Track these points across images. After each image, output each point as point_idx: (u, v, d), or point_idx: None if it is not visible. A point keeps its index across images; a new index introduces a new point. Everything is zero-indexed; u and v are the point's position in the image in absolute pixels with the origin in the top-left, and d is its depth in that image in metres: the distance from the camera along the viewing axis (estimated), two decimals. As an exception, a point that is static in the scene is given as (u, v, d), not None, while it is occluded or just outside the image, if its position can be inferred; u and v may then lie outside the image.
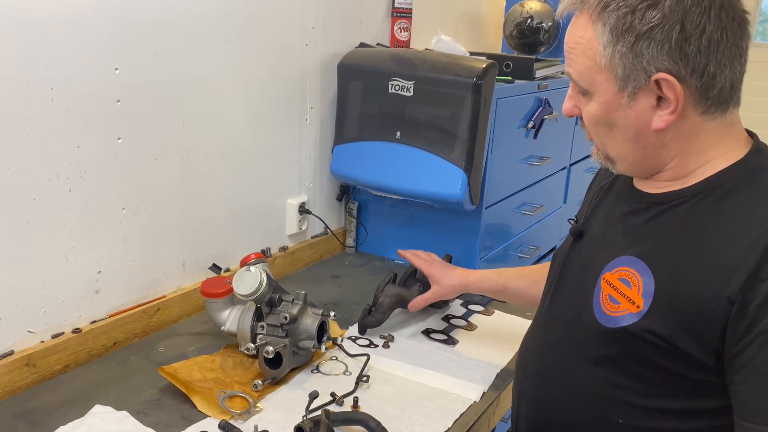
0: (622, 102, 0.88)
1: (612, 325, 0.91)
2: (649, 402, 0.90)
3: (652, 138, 0.89)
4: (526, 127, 2.01)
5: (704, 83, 0.85)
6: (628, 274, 0.91)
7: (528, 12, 2.53)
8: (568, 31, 0.92)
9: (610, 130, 0.92)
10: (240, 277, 1.25)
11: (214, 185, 1.58)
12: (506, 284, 1.38)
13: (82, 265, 1.32)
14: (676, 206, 0.91)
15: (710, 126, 0.89)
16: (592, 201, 1.09)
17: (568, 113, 0.98)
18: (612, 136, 0.92)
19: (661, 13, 0.82)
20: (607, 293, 0.93)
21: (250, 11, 1.57)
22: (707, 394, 0.86)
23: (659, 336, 0.86)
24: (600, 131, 0.94)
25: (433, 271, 1.43)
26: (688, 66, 0.83)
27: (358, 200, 2.01)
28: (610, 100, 0.89)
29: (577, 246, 1.06)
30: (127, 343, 1.40)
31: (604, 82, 0.88)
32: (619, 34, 0.84)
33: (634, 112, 0.88)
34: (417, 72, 1.72)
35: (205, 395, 1.18)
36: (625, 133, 0.91)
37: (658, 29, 0.82)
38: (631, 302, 0.89)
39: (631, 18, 0.83)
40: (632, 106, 0.88)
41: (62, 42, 1.20)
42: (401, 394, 1.25)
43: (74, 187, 1.27)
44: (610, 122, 0.91)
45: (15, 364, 1.21)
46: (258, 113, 1.66)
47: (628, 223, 0.97)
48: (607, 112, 0.90)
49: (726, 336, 0.81)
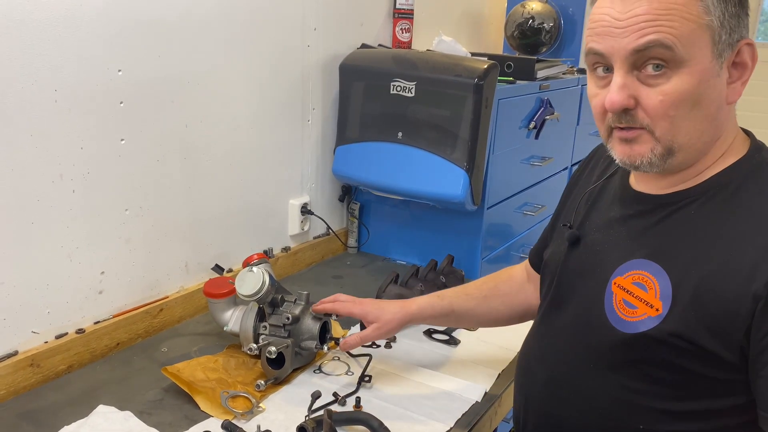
0: (714, 70, 0.85)
1: (631, 331, 0.89)
2: (671, 405, 0.89)
3: (724, 113, 0.89)
4: (528, 128, 2.01)
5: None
6: (643, 277, 0.90)
7: (529, 12, 2.53)
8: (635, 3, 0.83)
9: (692, 108, 0.85)
10: (243, 278, 1.26)
11: (216, 186, 1.59)
12: (452, 307, 1.26)
13: (86, 266, 1.33)
14: (685, 206, 0.90)
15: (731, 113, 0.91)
16: (583, 204, 1.07)
17: (623, 104, 0.86)
18: (692, 116, 0.85)
19: None
20: (621, 298, 0.91)
21: (252, 12, 1.58)
22: (729, 393, 0.86)
23: (682, 338, 0.85)
24: (681, 112, 0.85)
25: (367, 309, 1.24)
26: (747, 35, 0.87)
27: (360, 201, 2.02)
28: (706, 68, 0.84)
29: (574, 252, 1.03)
30: (130, 344, 1.41)
31: (703, 47, 0.83)
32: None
33: (721, 83, 0.86)
34: (418, 73, 1.73)
35: (208, 395, 1.18)
36: (708, 109, 0.86)
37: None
38: (649, 306, 0.88)
39: None
40: (720, 75, 0.86)
41: (65, 43, 1.20)
42: (403, 394, 1.25)
43: (78, 188, 1.28)
44: (697, 97, 0.84)
45: (19, 365, 1.21)
46: (260, 114, 1.67)
47: (633, 226, 0.95)
48: (699, 83, 0.84)
49: (751, 332, 0.81)
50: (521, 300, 1.29)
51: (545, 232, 1.25)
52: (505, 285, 1.32)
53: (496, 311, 1.29)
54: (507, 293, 1.30)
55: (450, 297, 1.28)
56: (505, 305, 1.29)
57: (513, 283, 1.31)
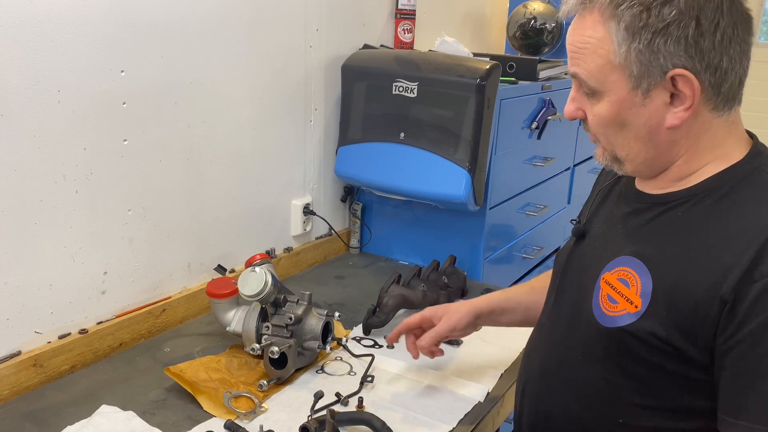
0: (635, 100, 0.87)
1: (610, 325, 0.92)
2: (649, 401, 0.91)
3: (664, 135, 0.89)
4: (530, 128, 2.01)
5: (717, 79, 0.85)
6: (627, 274, 0.92)
7: (531, 13, 2.53)
8: (572, 31, 0.92)
9: (621, 129, 0.91)
10: (245, 278, 1.26)
11: (219, 186, 1.59)
12: (518, 299, 1.27)
13: (89, 266, 1.33)
14: (675, 207, 0.92)
15: (717, 123, 0.89)
16: (595, 201, 1.10)
17: (571, 116, 0.97)
18: (623, 135, 0.91)
19: (677, 10, 0.82)
20: (606, 293, 0.94)
21: (255, 13, 1.58)
22: (705, 395, 0.87)
23: (656, 336, 0.87)
24: (609, 132, 0.93)
25: (435, 309, 1.26)
26: (703, 61, 0.83)
27: (362, 201, 2.02)
28: (623, 98, 0.88)
29: (580, 246, 1.06)
30: (133, 344, 1.41)
31: (617, 80, 0.87)
32: (635, 31, 0.84)
33: (648, 110, 0.88)
34: (421, 73, 1.73)
35: (211, 395, 1.19)
36: (637, 132, 0.90)
37: (675, 25, 0.82)
38: (629, 302, 0.90)
39: (646, 15, 0.83)
40: (646, 104, 0.87)
41: (68, 44, 1.20)
42: (406, 394, 1.25)
43: (81, 188, 1.28)
44: (621, 121, 0.90)
45: (22, 365, 1.22)
46: (262, 115, 1.67)
47: (629, 224, 0.97)
48: (619, 111, 0.89)
49: (716, 336, 0.82)
50: None
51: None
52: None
53: None
54: None
55: (515, 291, 1.31)
56: None
57: None
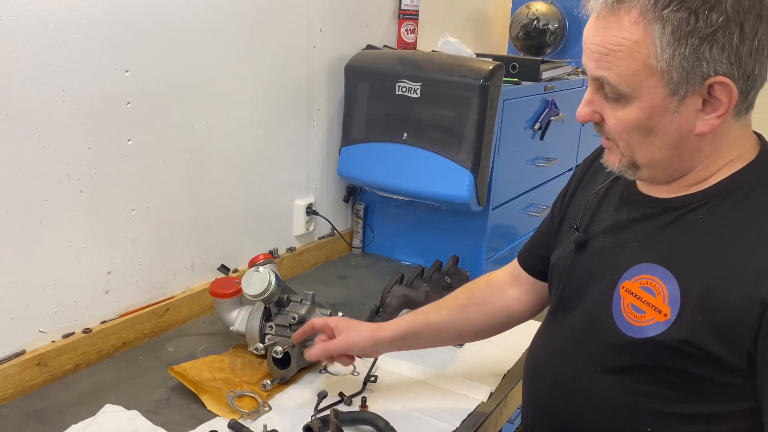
0: (670, 107, 0.84)
1: (638, 335, 0.89)
2: (679, 408, 0.89)
3: (691, 142, 0.87)
4: (533, 129, 2.01)
5: (748, 86, 0.84)
6: (650, 281, 0.89)
7: (534, 13, 2.54)
8: (600, 31, 0.85)
9: (646, 135, 0.88)
10: (249, 278, 1.26)
11: (222, 186, 1.59)
12: (427, 320, 1.19)
13: (93, 266, 1.33)
14: (693, 210, 0.90)
15: (736, 128, 0.88)
16: (588, 206, 1.06)
17: (586, 119, 0.92)
18: (648, 141, 0.88)
19: (725, 16, 0.79)
20: (629, 302, 0.91)
21: (258, 14, 1.58)
22: (738, 397, 0.86)
23: (690, 344, 0.85)
24: (633, 137, 0.89)
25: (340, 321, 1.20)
26: (740, 69, 0.82)
27: (365, 201, 2.02)
28: (657, 104, 0.85)
29: (581, 255, 1.03)
30: (136, 343, 1.42)
31: (653, 86, 0.84)
32: (682, 36, 0.80)
33: (680, 117, 0.85)
34: (424, 74, 1.73)
35: (215, 395, 1.19)
36: (665, 138, 0.87)
37: (721, 32, 0.79)
38: (657, 311, 0.88)
39: (694, 20, 0.79)
40: (680, 111, 0.85)
41: (73, 45, 1.21)
42: (409, 395, 1.25)
43: (85, 188, 1.28)
44: (650, 127, 0.87)
45: (26, 364, 1.22)
46: (266, 115, 1.67)
47: (641, 229, 0.95)
48: (649, 118, 0.86)
49: (758, 340, 0.81)
50: (499, 307, 1.22)
51: (540, 232, 1.22)
52: (482, 293, 1.24)
53: (475, 321, 1.21)
54: (485, 301, 1.23)
55: (426, 311, 1.22)
56: (484, 313, 1.22)
57: (492, 290, 1.25)
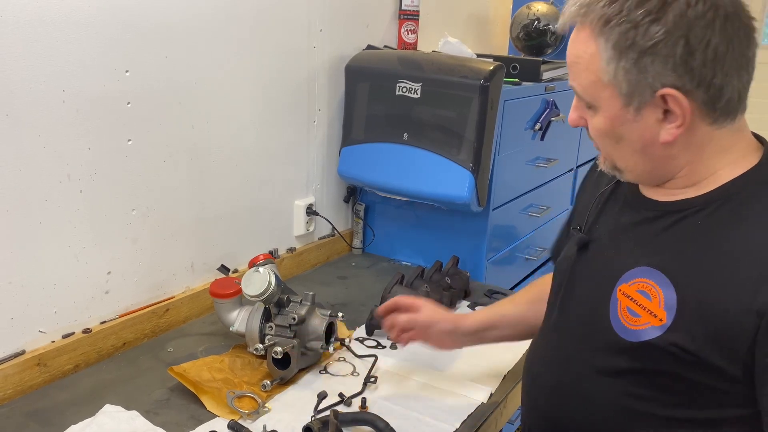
0: (627, 116, 0.86)
1: (633, 339, 0.89)
2: (673, 412, 0.89)
3: (659, 150, 0.88)
4: (533, 129, 2.01)
5: (711, 95, 0.83)
6: (647, 285, 0.89)
7: (535, 14, 2.53)
8: (569, 44, 0.90)
9: (617, 142, 0.90)
10: (249, 278, 1.26)
11: (222, 186, 1.59)
12: (502, 312, 1.26)
13: (93, 266, 1.33)
14: (691, 215, 0.89)
15: (719, 135, 0.87)
16: (593, 208, 1.07)
17: (574, 124, 0.97)
18: (619, 148, 0.91)
19: (665, 29, 0.80)
20: (625, 306, 0.91)
21: (258, 14, 1.58)
22: (732, 404, 0.85)
23: (685, 349, 0.84)
24: (607, 143, 0.92)
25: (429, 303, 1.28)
26: (693, 80, 0.82)
27: (365, 202, 2.02)
28: (616, 114, 0.87)
29: (584, 255, 1.03)
30: (136, 343, 1.41)
31: (608, 97, 0.86)
32: (622, 50, 0.82)
33: (641, 126, 0.86)
34: (424, 74, 1.73)
35: (214, 395, 1.19)
36: (632, 146, 0.89)
37: (662, 44, 0.80)
38: (652, 315, 0.87)
39: (633, 33, 0.81)
40: (638, 120, 0.86)
41: (73, 44, 1.21)
42: (409, 395, 1.25)
43: (85, 188, 1.28)
44: (616, 135, 0.89)
45: (26, 364, 1.22)
46: (266, 115, 1.67)
47: (640, 233, 0.95)
48: (613, 126, 0.89)
49: (756, 349, 0.80)
50: None
51: (563, 228, 1.23)
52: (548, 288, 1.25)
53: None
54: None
55: (501, 305, 1.31)
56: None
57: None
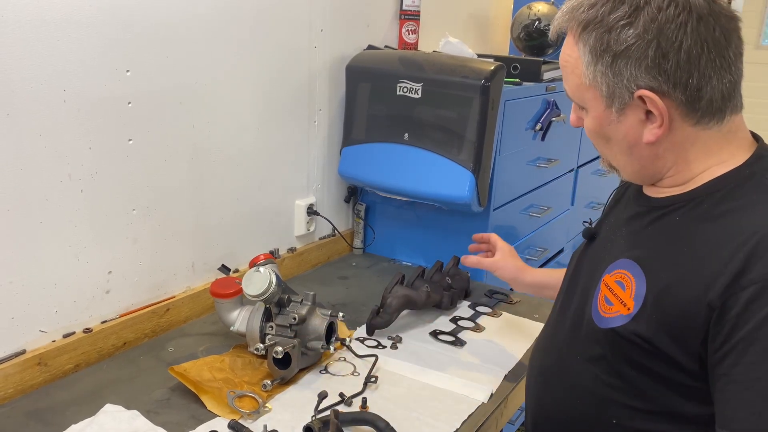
0: (611, 117, 0.90)
1: (603, 326, 0.93)
2: (642, 404, 0.91)
3: (645, 150, 0.91)
4: (534, 129, 2.01)
5: (689, 96, 0.85)
6: (624, 276, 0.93)
7: (535, 14, 2.53)
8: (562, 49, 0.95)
9: (607, 142, 0.95)
10: (250, 278, 1.26)
11: (223, 186, 1.59)
12: (558, 276, 1.29)
13: (93, 266, 1.33)
14: (673, 211, 0.92)
15: (707, 135, 0.89)
16: (607, 204, 1.12)
17: (575, 124, 1.01)
18: (610, 147, 0.95)
19: (636, 32, 0.83)
20: (604, 295, 0.95)
21: (259, 14, 1.58)
22: (694, 400, 0.87)
23: (644, 338, 0.87)
24: (599, 143, 0.97)
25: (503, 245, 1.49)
26: (669, 81, 0.84)
27: (366, 202, 2.02)
28: (601, 115, 0.91)
29: (589, 249, 1.08)
30: (137, 343, 1.41)
31: (592, 98, 0.91)
32: (598, 54, 0.86)
33: (624, 127, 0.90)
34: (425, 74, 1.73)
35: (215, 395, 1.19)
36: (620, 146, 0.93)
37: (635, 48, 0.84)
38: (622, 304, 0.91)
39: (607, 38, 0.85)
40: (621, 121, 0.90)
41: (74, 44, 1.21)
42: (409, 395, 1.25)
43: (86, 188, 1.28)
44: (605, 136, 0.94)
45: (27, 363, 1.22)
46: (267, 115, 1.67)
47: (630, 227, 0.98)
48: (600, 127, 0.93)
49: (707, 342, 0.82)
50: None
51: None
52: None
53: None
54: None
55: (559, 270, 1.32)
56: None
57: None
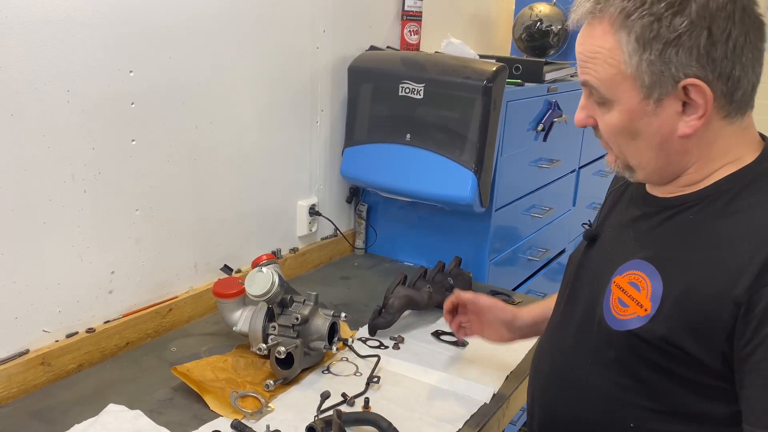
0: (647, 109, 0.87)
1: (620, 328, 0.91)
2: (658, 405, 0.90)
3: (677, 144, 0.89)
4: (536, 130, 2.01)
5: (730, 87, 0.85)
6: (638, 277, 0.91)
7: (537, 15, 2.54)
8: (581, 40, 0.91)
9: (633, 138, 0.91)
10: (252, 278, 1.26)
11: (225, 187, 1.60)
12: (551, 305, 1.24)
13: (96, 266, 1.34)
14: (685, 210, 0.91)
15: (729, 131, 0.89)
16: (606, 205, 1.10)
17: (582, 123, 0.96)
18: (635, 144, 0.91)
19: (689, 20, 0.81)
20: (617, 297, 0.93)
21: (262, 15, 1.58)
22: (716, 399, 0.86)
23: (665, 339, 0.86)
24: (621, 140, 0.92)
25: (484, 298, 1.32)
26: (715, 71, 0.83)
27: (368, 202, 2.02)
28: (634, 108, 0.88)
29: (591, 250, 1.06)
30: (139, 343, 1.42)
31: (628, 90, 0.87)
32: (646, 42, 0.83)
33: (660, 119, 0.87)
34: (427, 75, 1.73)
35: (218, 395, 1.19)
36: (649, 141, 0.90)
37: (686, 36, 0.81)
38: (639, 305, 0.89)
39: (657, 25, 0.82)
40: (658, 113, 0.87)
41: (77, 45, 1.21)
42: (411, 395, 1.25)
43: (89, 188, 1.29)
44: (633, 131, 0.90)
45: (30, 363, 1.22)
46: (269, 115, 1.68)
47: (639, 227, 0.97)
48: (630, 121, 0.89)
49: (733, 339, 0.81)
50: None
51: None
52: None
53: None
54: None
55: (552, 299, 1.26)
56: None
57: None
